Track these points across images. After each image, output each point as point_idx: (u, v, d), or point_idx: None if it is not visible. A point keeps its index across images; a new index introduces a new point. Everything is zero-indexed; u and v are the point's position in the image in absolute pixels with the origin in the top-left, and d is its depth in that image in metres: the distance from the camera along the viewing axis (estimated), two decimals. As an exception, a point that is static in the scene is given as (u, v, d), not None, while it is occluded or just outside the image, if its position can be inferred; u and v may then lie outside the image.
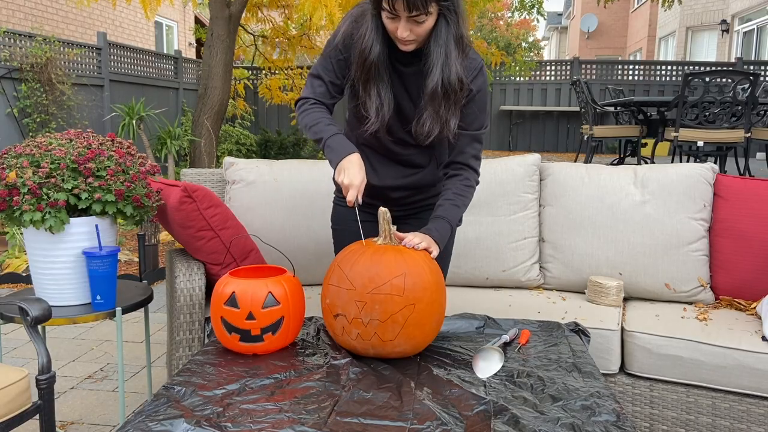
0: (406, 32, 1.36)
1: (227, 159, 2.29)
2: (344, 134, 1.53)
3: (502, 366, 1.31)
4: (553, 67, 10.58)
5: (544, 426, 1.06)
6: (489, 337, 1.51)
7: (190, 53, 13.09)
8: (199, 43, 12.81)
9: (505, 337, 1.45)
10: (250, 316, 1.34)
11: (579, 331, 1.57)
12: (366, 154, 1.61)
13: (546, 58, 29.54)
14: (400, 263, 1.30)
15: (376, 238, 1.39)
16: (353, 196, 1.38)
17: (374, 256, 1.32)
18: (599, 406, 1.14)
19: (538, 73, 10.46)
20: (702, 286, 2.02)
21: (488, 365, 1.31)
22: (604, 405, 1.15)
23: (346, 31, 1.48)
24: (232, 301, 1.35)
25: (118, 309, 1.70)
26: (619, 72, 10.23)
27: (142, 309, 1.86)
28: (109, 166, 1.69)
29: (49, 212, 1.60)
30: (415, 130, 1.50)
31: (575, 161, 6.12)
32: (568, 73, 10.32)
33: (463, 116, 1.48)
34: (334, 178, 1.71)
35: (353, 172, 1.39)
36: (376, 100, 1.46)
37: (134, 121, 5.72)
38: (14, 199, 1.59)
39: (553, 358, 1.38)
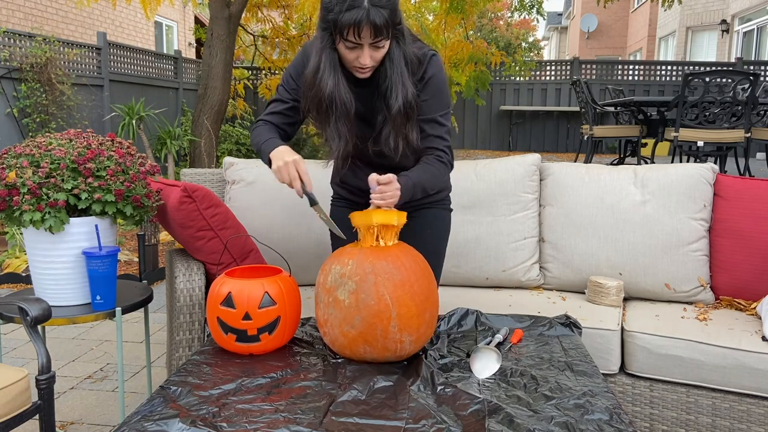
0: (368, 59, 1.38)
1: (227, 159, 2.29)
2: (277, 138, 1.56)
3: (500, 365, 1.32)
4: (553, 67, 10.58)
5: (538, 425, 1.06)
6: (482, 334, 1.52)
7: (190, 53, 13.09)
8: (199, 43, 12.81)
9: (499, 337, 1.46)
10: (247, 317, 1.34)
11: (570, 324, 1.58)
12: (353, 163, 1.63)
13: (546, 58, 29.53)
14: (389, 282, 1.27)
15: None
16: (299, 186, 1.41)
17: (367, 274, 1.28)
18: (592, 405, 1.15)
19: (538, 73, 10.47)
20: (702, 286, 2.02)
21: (485, 365, 1.30)
22: (597, 404, 1.15)
23: (295, 72, 1.55)
24: (228, 301, 1.35)
25: (118, 309, 1.70)
26: (619, 72, 10.23)
27: (142, 309, 1.86)
28: (108, 166, 1.69)
29: (49, 212, 1.60)
30: (381, 149, 1.52)
31: (575, 161, 6.12)
32: (568, 73, 10.32)
33: (419, 106, 1.50)
34: (332, 182, 1.74)
35: (284, 167, 1.40)
36: (336, 135, 1.49)
37: (134, 121, 5.72)
38: (14, 199, 1.59)
39: (545, 357, 1.39)
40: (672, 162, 5.20)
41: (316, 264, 2.17)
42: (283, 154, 1.42)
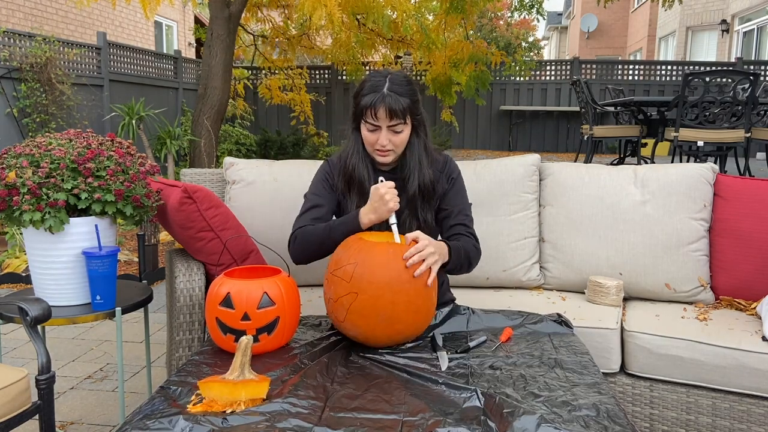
0: (386, 141, 1.53)
1: (227, 159, 2.29)
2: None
3: (489, 363, 1.35)
4: (553, 67, 10.58)
5: (529, 418, 1.08)
6: (471, 333, 1.55)
7: (190, 53, 13.09)
8: (199, 43, 12.81)
9: (483, 337, 1.49)
10: (246, 317, 1.33)
11: (561, 322, 1.61)
12: None
13: (546, 57, 29.53)
14: (360, 253, 1.36)
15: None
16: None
17: (353, 242, 1.41)
18: (580, 401, 1.17)
19: (538, 73, 10.47)
20: (702, 286, 2.02)
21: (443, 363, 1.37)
22: (585, 401, 1.17)
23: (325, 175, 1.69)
24: (227, 301, 1.35)
25: (118, 309, 1.70)
26: (619, 72, 10.23)
27: (142, 309, 1.86)
28: (108, 166, 1.69)
29: (49, 212, 1.60)
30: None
31: (575, 161, 6.12)
32: (568, 73, 10.32)
33: (447, 201, 1.65)
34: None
35: (389, 194, 1.48)
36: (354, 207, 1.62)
37: (134, 121, 5.71)
38: (14, 199, 1.59)
39: (536, 354, 1.41)
40: (672, 162, 5.19)
41: (315, 264, 2.16)
42: (377, 196, 1.48)
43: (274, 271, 1.49)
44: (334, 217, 1.67)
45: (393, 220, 1.48)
